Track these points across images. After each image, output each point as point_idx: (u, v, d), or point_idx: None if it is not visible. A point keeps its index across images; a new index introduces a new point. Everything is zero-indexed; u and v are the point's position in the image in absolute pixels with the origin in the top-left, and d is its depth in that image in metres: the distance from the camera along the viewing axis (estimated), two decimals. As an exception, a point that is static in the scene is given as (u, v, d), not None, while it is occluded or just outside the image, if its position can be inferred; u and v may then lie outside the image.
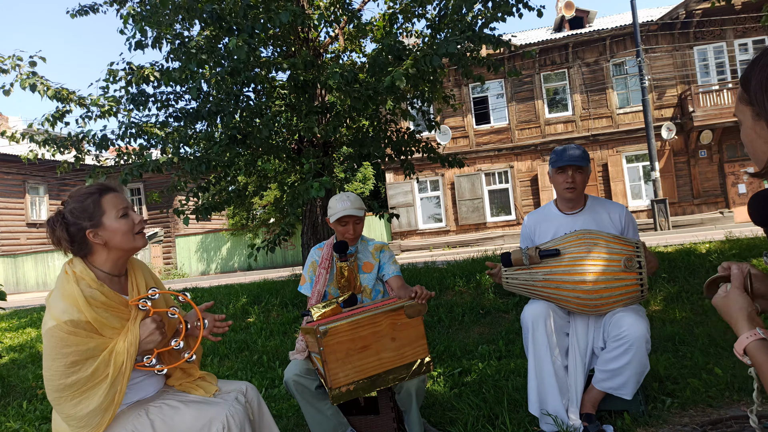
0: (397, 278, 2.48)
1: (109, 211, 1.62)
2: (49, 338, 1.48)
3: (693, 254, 5.24)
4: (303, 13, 4.50)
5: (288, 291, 6.09)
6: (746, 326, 1.02)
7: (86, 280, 1.57)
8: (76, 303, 1.52)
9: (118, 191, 1.68)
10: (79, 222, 1.59)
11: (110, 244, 1.62)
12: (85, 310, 1.52)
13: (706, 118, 16.06)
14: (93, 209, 1.61)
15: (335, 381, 1.93)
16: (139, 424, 1.58)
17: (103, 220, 1.61)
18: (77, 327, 1.50)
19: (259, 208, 18.76)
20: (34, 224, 20.40)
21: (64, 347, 1.47)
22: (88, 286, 1.57)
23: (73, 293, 1.53)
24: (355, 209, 2.39)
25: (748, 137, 0.98)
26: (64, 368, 1.47)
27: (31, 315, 7.03)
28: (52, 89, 5.12)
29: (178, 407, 1.63)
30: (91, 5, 5.52)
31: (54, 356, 1.47)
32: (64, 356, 1.47)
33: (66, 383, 1.47)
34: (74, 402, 1.49)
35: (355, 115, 5.64)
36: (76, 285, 1.55)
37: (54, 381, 1.48)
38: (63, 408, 1.49)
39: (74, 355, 1.48)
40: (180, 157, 5.35)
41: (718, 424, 2.23)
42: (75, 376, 1.48)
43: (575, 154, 2.39)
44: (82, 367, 1.49)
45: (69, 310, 1.51)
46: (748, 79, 0.94)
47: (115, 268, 1.67)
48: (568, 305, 2.28)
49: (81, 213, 1.60)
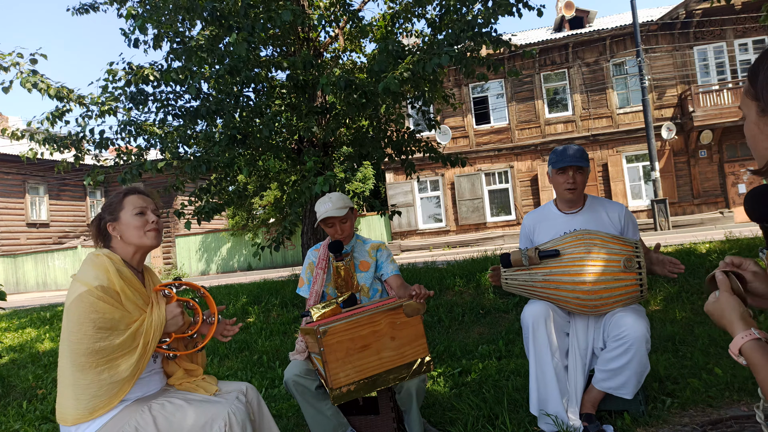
0: (396, 277, 2.48)
1: (127, 208, 1.79)
2: (79, 303, 1.57)
3: (693, 254, 5.24)
4: (303, 13, 4.50)
5: (288, 291, 6.09)
6: (741, 326, 1.02)
7: (114, 259, 1.72)
8: (107, 271, 1.65)
9: (145, 194, 1.86)
10: (103, 215, 1.81)
11: (124, 237, 1.77)
12: (114, 278, 1.65)
13: (706, 118, 16.06)
14: (115, 205, 1.81)
15: (335, 381, 1.93)
16: (142, 420, 1.60)
17: (120, 215, 1.79)
18: (106, 293, 1.61)
19: (260, 208, 18.77)
20: (34, 224, 20.40)
21: (93, 312, 1.56)
22: (116, 263, 1.71)
23: (105, 264, 1.67)
24: (336, 209, 2.38)
25: (750, 132, 0.97)
26: (93, 332, 1.56)
27: (31, 315, 7.03)
28: (53, 88, 5.12)
29: (181, 405, 1.66)
30: (91, 4, 5.51)
31: (82, 320, 1.56)
32: (92, 321, 1.56)
33: (94, 348, 1.55)
34: (99, 369, 1.56)
35: (355, 116, 5.64)
36: (107, 259, 1.69)
37: (82, 344, 1.55)
38: (86, 374, 1.55)
39: (101, 321, 1.57)
40: (180, 158, 5.35)
41: (718, 424, 2.23)
42: (103, 343, 1.56)
43: (576, 155, 2.39)
44: (110, 335, 1.58)
45: (100, 276, 1.63)
46: (756, 73, 0.93)
47: (133, 260, 1.79)
48: (568, 306, 2.28)
49: (106, 207, 1.82)
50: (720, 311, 1.08)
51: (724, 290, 1.09)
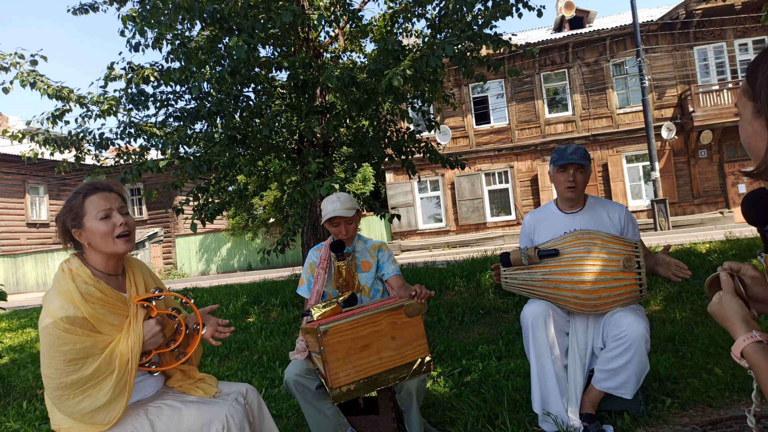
0: (397, 277, 2.48)
1: (90, 212, 1.60)
2: (46, 336, 1.48)
3: (693, 254, 5.24)
4: (303, 13, 4.50)
5: (288, 291, 6.09)
6: (743, 329, 1.02)
7: (82, 276, 1.58)
8: (71, 299, 1.52)
9: (107, 191, 1.64)
10: (65, 219, 1.63)
11: (93, 245, 1.62)
12: (81, 306, 1.52)
13: (706, 118, 16.06)
14: (77, 209, 1.61)
15: (336, 381, 1.93)
16: (139, 424, 1.58)
17: (84, 221, 1.61)
18: (73, 324, 1.49)
19: (260, 208, 18.77)
20: (34, 224, 20.40)
21: (61, 345, 1.47)
22: (84, 282, 1.57)
23: (69, 289, 1.53)
24: (345, 210, 2.38)
25: (745, 132, 0.97)
26: (64, 366, 1.47)
27: (30, 315, 7.03)
28: (53, 88, 5.12)
29: (177, 407, 1.63)
30: (91, 4, 5.52)
31: (52, 354, 1.47)
32: (61, 354, 1.47)
33: (66, 382, 1.47)
34: (76, 400, 1.49)
35: (355, 115, 5.64)
36: (72, 282, 1.55)
37: (54, 379, 1.47)
38: (65, 406, 1.49)
39: (71, 353, 1.47)
40: (180, 158, 5.35)
41: (718, 424, 2.23)
42: (75, 375, 1.47)
43: (577, 153, 2.40)
44: (83, 366, 1.48)
45: (65, 306, 1.50)
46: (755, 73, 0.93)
47: (108, 267, 1.66)
48: (567, 305, 2.28)
49: (68, 212, 1.62)
50: (723, 313, 1.08)
51: (727, 291, 1.10)
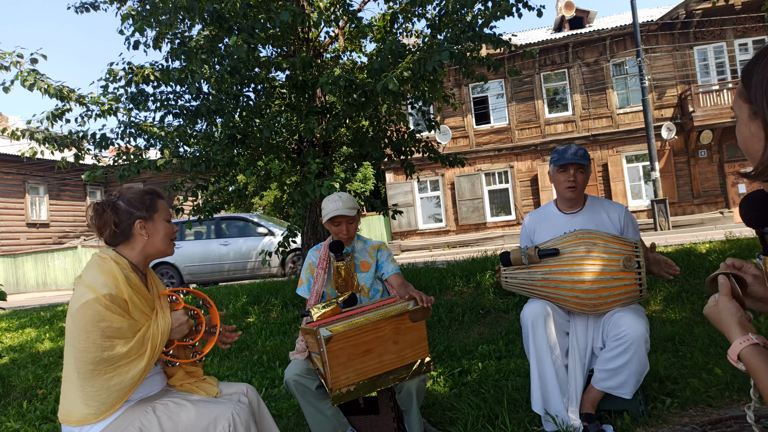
0: (396, 276, 2.48)
1: (161, 212, 1.78)
2: (86, 311, 1.54)
3: (693, 254, 5.24)
4: (303, 12, 4.50)
5: (288, 291, 6.09)
6: (739, 332, 1.02)
7: (121, 264, 1.67)
8: (115, 279, 1.60)
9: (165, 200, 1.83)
10: (133, 210, 1.72)
11: (151, 240, 1.74)
12: (123, 287, 1.60)
13: (706, 118, 16.06)
14: (150, 204, 1.76)
15: (336, 383, 1.93)
16: (146, 420, 1.60)
17: (155, 216, 1.76)
18: (114, 302, 1.57)
19: (260, 208, 18.76)
20: (34, 224, 20.40)
21: (101, 321, 1.54)
22: (124, 268, 1.66)
23: (113, 270, 1.62)
24: (347, 209, 2.38)
25: (742, 134, 0.98)
26: (101, 341, 1.53)
27: (31, 315, 7.03)
28: (53, 87, 5.12)
29: (184, 405, 1.66)
30: (91, 2, 5.52)
31: (89, 329, 1.53)
32: (100, 330, 1.53)
33: (102, 357, 1.53)
34: (108, 377, 1.55)
35: (355, 116, 5.64)
36: (115, 264, 1.64)
37: (90, 353, 1.53)
38: (94, 382, 1.54)
39: (109, 330, 1.55)
40: (179, 157, 5.35)
41: (718, 424, 2.23)
42: (111, 352, 1.54)
43: (577, 153, 2.40)
44: (117, 344, 1.55)
45: (109, 284, 1.58)
46: (750, 75, 0.93)
47: (141, 262, 1.75)
48: (567, 305, 2.28)
49: (138, 204, 1.74)
50: (718, 316, 1.07)
51: (723, 294, 1.09)
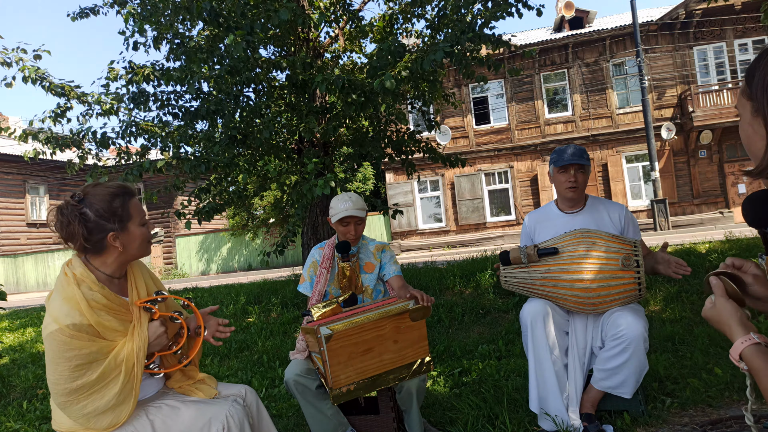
0: (397, 278, 2.48)
1: (135, 217, 1.61)
2: (51, 342, 1.47)
3: (693, 254, 5.24)
4: (303, 12, 4.50)
5: (288, 291, 6.09)
6: (740, 331, 1.02)
7: (87, 282, 1.55)
8: (77, 306, 1.50)
9: (137, 196, 1.68)
10: (104, 223, 1.55)
11: (127, 249, 1.61)
12: (86, 313, 1.50)
13: (706, 118, 16.06)
14: (122, 212, 1.58)
15: (336, 382, 1.93)
16: (139, 424, 1.58)
17: (128, 225, 1.59)
18: (80, 330, 1.48)
19: (260, 208, 18.77)
20: (34, 224, 20.39)
21: (67, 351, 1.46)
22: (89, 288, 1.54)
23: (75, 296, 1.51)
24: (357, 210, 2.39)
25: (745, 132, 0.99)
26: (69, 372, 1.47)
27: (31, 315, 7.03)
28: (55, 84, 5.14)
29: (177, 407, 1.64)
30: (91, 7, 5.53)
31: (57, 360, 1.47)
32: (67, 360, 1.46)
33: (72, 387, 1.47)
34: (81, 405, 1.49)
35: (355, 116, 5.64)
36: (77, 287, 1.52)
37: (60, 385, 1.47)
38: (71, 411, 1.50)
39: (77, 359, 1.47)
40: (179, 158, 5.35)
41: (718, 424, 2.23)
42: (81, 380, 1.48)
43: (577, 153, 2.41)
44: (88, 371, 1.48)
45: (71, 313, 1.48)
46: (752, 74, 0.94)
47: (117, 270, 1.65)
48: (566, 304, 2.28)
49: (109, 215, 1.56)
50: (717, 316, 1.07)
51: (719, 295, 1.09)
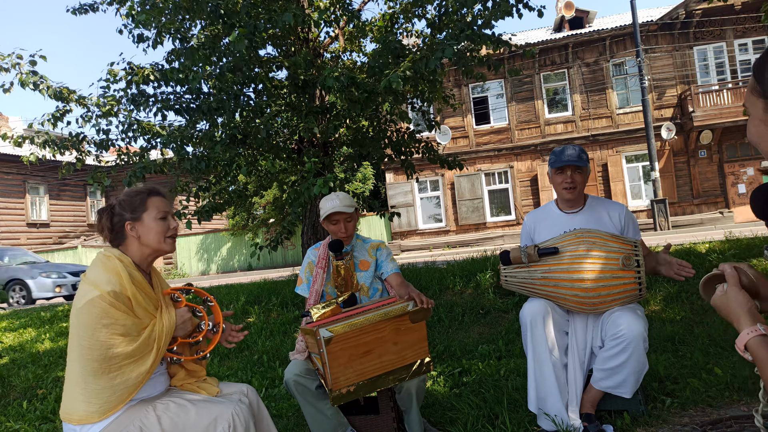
0: (396, 276, 2.48)
1: (151, 211, 1.76)
2: (90, 308, 1.55)
3: (693, 254, 5.24)
4: (303, 13, 4.50)
5: (288, 291, 6.08)
6: (747, 322, 1.02)
7: (125, 262, 1.69)
8: (119, 276, 1.62)
9: (165, 197, 1.83)
10: (122, 213, 1.75)
11: (142, 240, 1.75)
12: (126, 284, 1.62)
13: (706, 118, 16.06)
14: (137, 204, 1.76)
15: (336, 383, 1.93)
16: (147, 420, 1.61)
17: (143, 216, 1.75)
18: (118, 299, 1.58)
19: (260, 208, 18.77)
20: (34, 224, 20.40)
21: (105, 318, 1.55)
22: (128, 266, 1.68)
23: (117, 268, 1.64)
24: (344, 206, 2.38)
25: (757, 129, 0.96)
26: (107, 338, 1.54)
27: (31, 315, 7.03)
28: (53, 88, 5.13)
29: (185, 405, 1.67)
30: (90, 4, 5.52)
31: (95, 326, 1.54)
32: (105, 327, 1.55)
33: (107, 355, 1.54)
34: (112, 375, 1.56)
35: (355, 115, 5.64)
36: (119, 262, 1.66)
37: (95, 351, 1.54)
38: (99, 380, 1.55)
39: (114, 327, 1.56)
40: (180, 157, 5.35)
41: (718, 424, 2.23)
42: (116, 350, 1.55)
43: (573, 154, 2.40)
44: (123, 342, 1.56)
45: (112, 281, 1.60)
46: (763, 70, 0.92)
47: (143, 263, 1.77)
48: (567, 303, 2.28)
49: (127, 206, 1.76)
50: (727, 305, 1.07)
51: (732, 284, 1.09)
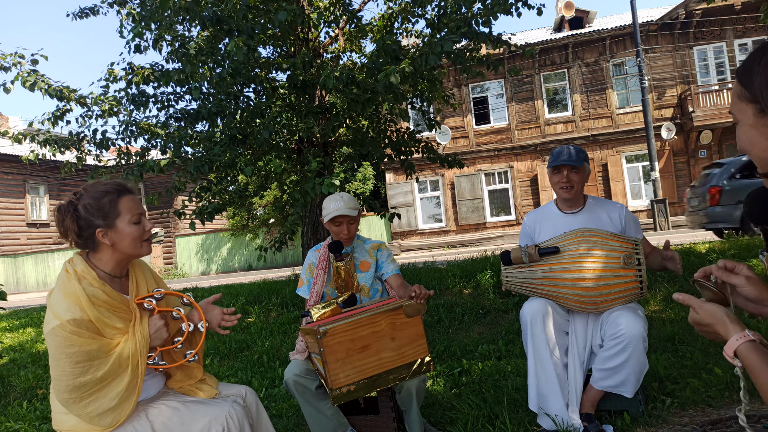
0: (396, 277, 2.48)
1: (124, 215, 1.60)
2: (53, 338, 1.47)
3: (693, 254, 5.24)
4: (302, 12, 4.50)
5: (288, 291, 6.08)
6: (734, 329, 1.00)
7: (88, 279, 1.55)
8: (78, 302, 1.50)
9: (133, 194, 1.66)
10: (91, 219, 1.57)
11: (117, 247, 1.61)
12: (87, 308, 1.50)
13: (706, 118, 16.06)
14: (108, 209, 1.58)
15: (336, 381, 1.93)
16: (139, 425, 1.58)
17: (116, 222, 1.59)
18: (80, 327, 1.48)
19: (260, 208, 18.77)
20: (34, 224, 20.40)
21: (68, 347, 1.46)
22: (90, 284, 1.55)
23: (75, 292, 1.51)
24: (349, 209, 2.37)
25: (747, 135, 0.94)
26: (71, 368, 1.46)
27: (31, 315, 7.03)
28: (53, 87, 5.12)
29: (177, 408, 1.64)
30: (91, 7, 5.52)
31: (59, 356, 1.47)
32: (68, 356, 1.46)
33: (75, 384, 1.47)
34: (84, 403, 1.49)
35: (355, 115, 5.64)
36: (77, 283, 1.53)
37: (62, 381, 1.47)
38: (73, 408, 1.50)
39: (78, 355, 1.47)
40: (182, 158, 5.35)
41: (718, 424, 2.23)
42: (84, 377, 1.47)
43: (570, 154, 2.42)
44: (91, 368, 1.48)
45: (71, 308, 1.48)
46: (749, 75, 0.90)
47: (116, 269, 1.66)
48: (568, 303, 2.28)
49: (96, 211, 1.57)
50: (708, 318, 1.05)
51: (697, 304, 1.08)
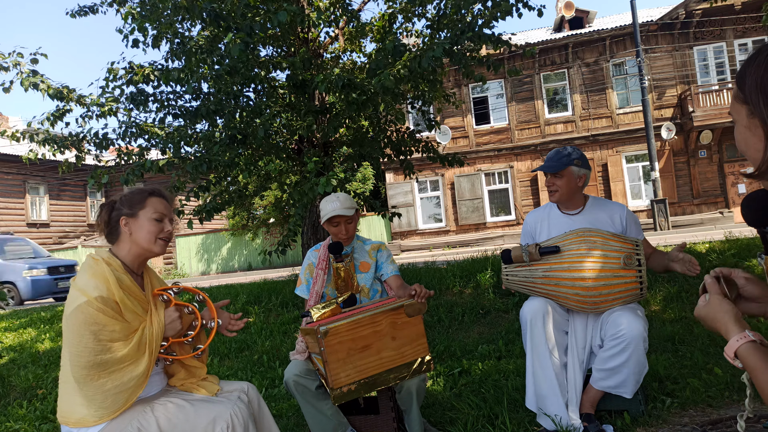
0: (395, 278, 2.48)
1: (148, 209, 1.76)
2: (78, 314, 1.54)
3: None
4: (302, 12, 4.50)
5: (288, 291, 6.08)
6: (736, 329, 1.00)
7: (113, 265, 1.68)
8: (106, 281, 1.61)
9: (166, 200, 1.83)
10: (120, 207, 1.76)
11: (134, 236, 1.74)
12: (114, 289, 1.61)
13: (706, 118, 16.06)
14: (136, 201, 1.76)
15: (336, 381, 1.93)
16: (144, 421, 1.60)
17: (139, 213, 1.75)
18: (106, 305, 1.57)
19: (260, 208, 18.78)
20: (34, 224, 20.39)
21: (93, 324, 1.54)
22: (116, 270, 1.67)
23: (104, 272, 1.63)
24: (345, 209, 2.37)
25: (742, 136, 0.98)
26: (94, 344, 1.53)
27: (31, 315, 7.03)
28: (53, 88, 5.11)
29: (182, 405, 1.66)
30: (90, 6, 5.51)
31: (83, 333, 1.53)
32: (92, 333, 1.53)
33: (95, 361, 1.53)
34: (101, 381, 1.54)
35: (354, 116, 5.64)
36: (106, 266, 1.65)
37: (83, 357, 1.52)
38: (89, 387, 1.54)
39: (102, 333, 1.55)
40: (181, 157, 5.34)
41: (718, 424, 2.23)
42: (105, 356, 1.54)
43: (549, 159, 2.45)
44: (111, 348, 1.55)
45: (99, 286, 1.59)
46: (744, 77, 0.94)
47: (134, 263, 1.76)
48: (568, 302, 2.28)
49: (126, 200, 1.77)
50: (712, 314, 1.06)
51: (714, 293, 1.08)
